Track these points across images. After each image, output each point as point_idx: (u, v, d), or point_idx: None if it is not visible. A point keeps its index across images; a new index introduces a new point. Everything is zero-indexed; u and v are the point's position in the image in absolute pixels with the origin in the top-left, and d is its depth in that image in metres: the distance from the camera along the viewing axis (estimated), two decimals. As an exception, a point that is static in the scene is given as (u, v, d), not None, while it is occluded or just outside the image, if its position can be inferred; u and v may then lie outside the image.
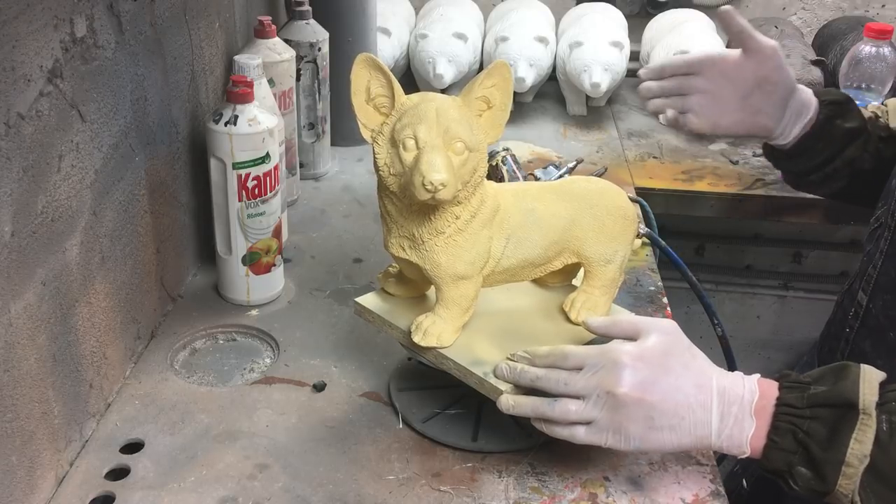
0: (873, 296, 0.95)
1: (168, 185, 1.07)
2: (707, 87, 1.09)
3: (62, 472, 0.85)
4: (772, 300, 1.97)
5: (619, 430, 0.77)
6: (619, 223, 0.90)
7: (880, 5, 2.00)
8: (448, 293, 0.85)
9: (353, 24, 1.50)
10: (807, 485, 0.74)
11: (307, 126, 1.43)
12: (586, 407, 0.78)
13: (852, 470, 0.71)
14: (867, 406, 0.71)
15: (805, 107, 1.09)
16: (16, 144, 0.73)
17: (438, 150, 0.78)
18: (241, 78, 1.07)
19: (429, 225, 0.83)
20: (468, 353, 0.87)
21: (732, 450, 0.77)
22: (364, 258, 1.25)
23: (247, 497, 0.83)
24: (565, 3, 2.00)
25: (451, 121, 0.79)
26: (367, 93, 0.82)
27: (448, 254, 0.83)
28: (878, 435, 0.71)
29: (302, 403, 0.96)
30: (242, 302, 1.12)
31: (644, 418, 0.77)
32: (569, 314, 0.92)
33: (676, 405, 0.77)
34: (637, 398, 0.76)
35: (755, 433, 0.76)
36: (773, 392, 0.76)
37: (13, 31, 0.71)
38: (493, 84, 0.82)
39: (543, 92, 1.90)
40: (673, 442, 0.77)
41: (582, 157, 1.55)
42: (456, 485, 0.86)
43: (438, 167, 0.77)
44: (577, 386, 0.78)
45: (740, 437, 0.76)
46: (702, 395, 0.77)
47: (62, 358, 0.84)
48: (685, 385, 0.77)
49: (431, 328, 0.86)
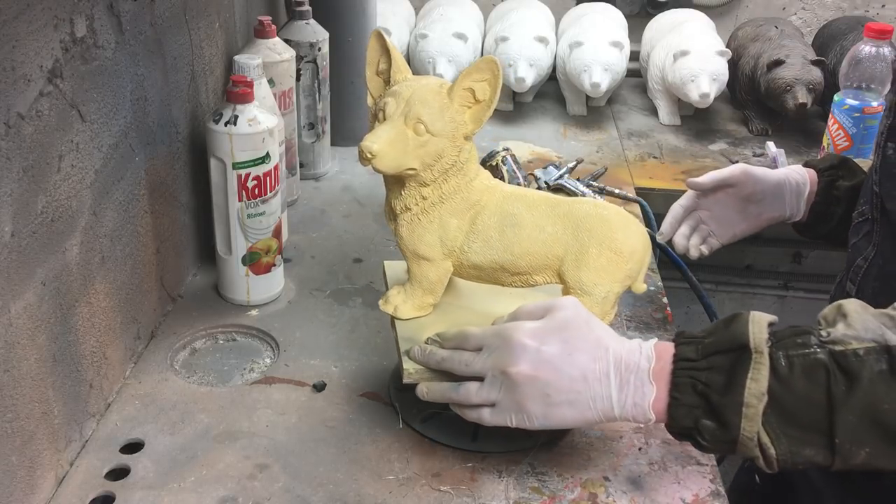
0: (862, 285, 0.96)
1: (168, 185, 1.07)
2: (709, 214, 1.16)
3: (62, 472, 0.85)
4: (772, 300, 1.96)
5: (520, 409, 0.77)
6: (604, 255, 0.85)
7: (880, 5, 2.00)
8: (412, 269, 0.90)
9: (353, 24, 1.50)
10: (713, 436, 0.72)
11: (307, 126, 1.43)
12: (486, 388, 0.79)
13: (752, 410, 0.70)
14: (758, 344, 0.70)
15: (800, 184, 1.13)
16: (16, 144, 0.73)
17: (392, 123, 0.82)
18: (241, 78, 1.07)
19: (400, 200, 0.87)
20: (412, 330, 0.89)
21: (638, 418, 0.76)
22: (364, 258, 1.25)
23: (247, 497, 0.83)
24: (565, 3, 2.00)
25: (420, 102, 0.82)
26: (377, 65, 0.88)
27: (410, 230, 0.88)
28: (779, 371, 0.70)
29: (302, 403, 0.96)
30: (242, 302, 1.12)
31: (541, 395, 0.76)
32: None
33: (571, 380, 0.76)
34: (530, 376, 0.76)
35: (656, 396, 0.74)
36: (670, 351, 0.75)
37: (13, 31, 0.71)
38: (484, 79, 0.82)
39: (543, 92, 1.90)
40: (575, 417, 0.77)
41: (582, 157, 1.55)
42: (456, 485, 0.86)
43: (377, 138, 0.81)
44: (476, 367, 0.79)
45: (643, 404, 0.75)
46: (597, 366, 0.76)
47: (62, 358, 0.84)
48: (580, 359, 0.76)
49: (394, 298, 0.91)
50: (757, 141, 1.75)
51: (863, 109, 1.48)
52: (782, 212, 1.13)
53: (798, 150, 1.70)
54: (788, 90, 1.62)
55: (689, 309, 1.77)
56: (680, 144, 1.72)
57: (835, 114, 1.51)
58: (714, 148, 1.71)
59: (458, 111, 0.83)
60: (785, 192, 1.12)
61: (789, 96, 1.62)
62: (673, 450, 0.91)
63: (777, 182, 1.12)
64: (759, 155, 1.68)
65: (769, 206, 1.13)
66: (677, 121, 1.81)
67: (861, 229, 0.99)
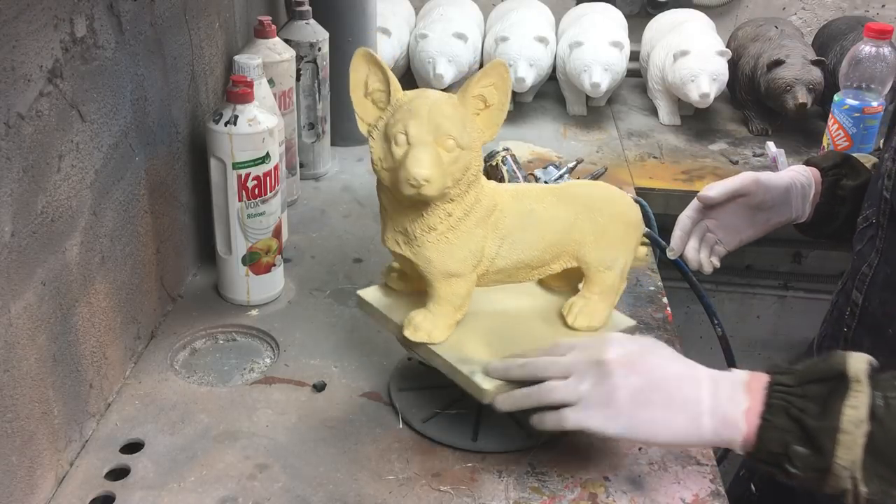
0: (869, 294, 0.95)
1: (168, 185, 1.07)
2: (716, 223, 1.13)
3: (62, 472, 0.85)
4: (771, 300, 1.96)
5: (608, 403, 0.75)
6: (620, 229, 0.89)
7: (880, 5, 2.00)
8: (439, 290, 0.85)
9: (353, 24, 1.50)
10: (805, 463, 0.70)
11: (307, 126, 1.43)
12: (573, 381, 0.77)
13: (849, 437, 0.68)
14: (857, 373, 0.70)
15: (805, 186, 1.11)
16: (16, 144, 0.73)
17: (427, 146, 0.78)
18: (241, 78, 1.07)
19: (421, 221, 0.83)
20: (458, 350, 0.86)
21: (727, 431, 0.73)
22: (364, 258, 1.25)
23: (247, 497, 0.83)
24: (565, 3, 2.00)
25: (443, 117, 0.79)
26: (366, 87, 0.82)
27: (439, 251, 0.83)
28: (875, 410, 0.68)
29: (302, 403, 0.96)
30: (242, 302, 1.12)
31: (632, 391, 0.75)
32: (566, 318, 0.91)
33: (666, 378, 0.75)
34: (626, 364, 0.75)
35: (749, 409, 0.72)
36: (764, 378, 0.74)
37: (13, 31, 0.71)
38: (492, 83, 0.82)
39: (543, 92, 1.90)
40: (664, 421, 0.74)
41: (582, 157, 1.55)
42: (456, 485, 0.86)
43: (423, 163, 0.77)
44: (564, 362, 0.78)
45: (735, 414, 0.72)
46: (691, 372, 0.75)
47: (62, 358, 0.84)
48: (672, 365, 0.76)
49: (423, 323, 0.86)
50: (757, 141, 1.75)
51: (863, 109, 1.48)
52: (789, 215, 1.12)
53: (798, 150, 1.70)
54: (788, 90, 1.62)
55: (689, 309, 1.77)
56: (680, 144, 1.72)
57: (835, 114, 1.51)
58: (714, 148, 1.71)
59: (472, 119, 0.82)
60: (792, 196, 1.11)
61: (789, 96, 1.62)
62: (673, 450, 0.91)
63: (785, 187, 1.10)
64: (759, 155, 1.68)
65: (777, 212, 1.11)
66: (677, 121, 1.81)
67: (865, 235, 0.98)
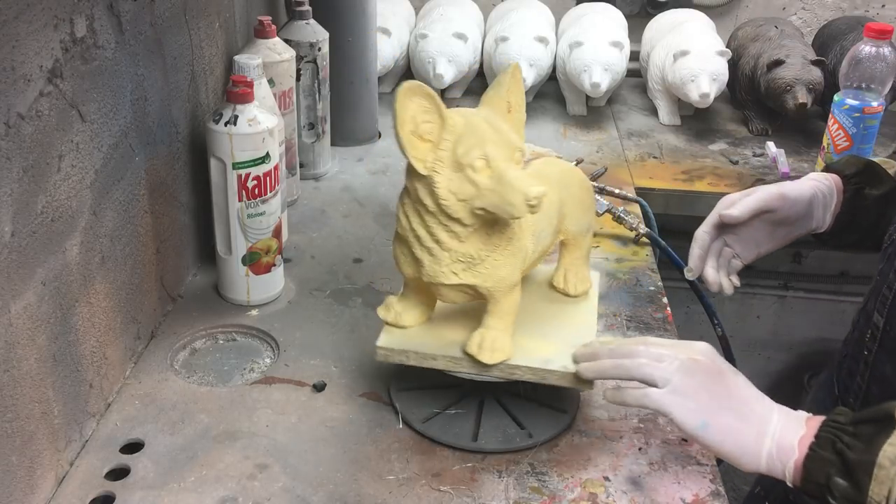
0: (890, 318, 0.93)
1: (168, 185, 1.07)
2: (734, 237, 1.07)
3: (62, 472, 0.85)
4: (771, 300, 1.97)
5: (692, 395, 0.77)
6: (586, 195, 0.97)
7: (880, 5, 2.00)
8: (504, 304, 0.85)
9: (353, 24, 1.50)
10: (844, 496, 0.72)
11: (307, 126, 1.43)
12: (664, 365, 0.78)
13: (883, 472, 0.69)
14: None
15: (828, 196, 1.06)
16: (16, 144, 0.73)
17: (513, 164, 0.78)
18: (241, 78, 1.07)
19: (487, 241, 0.82)
20: (529, 353, 0.87)
21: (781, 455, 0.75)
22: (364, 258, 1.25)
23: (247, 497, 0.83)
24: (565, 3, 2.00)
25: (507, 132, 0.80)
26: (416, 124, 0.79)
27: (507, 265, 0.84)
28: None
29: (302, 403, 0.96)
30: (242, 302, 1.12)
31: (717, 395, 0.77)
32: (565, 290, 0.97)
33: (745, 395, 0.78)
34: (715, 371, 0.78)
35: (803, 437, 0.75)
36: (821, 418, 0.76)
37: (13, 31, 0.71)
38: (511, 87, 0.83)
39: (543, 92, 1.90)
40: (736, 432, 0.76)
41: (582, 157, 1.55)
42: (456, 485, 0.86)
43: (531, 181, 0.77)
44: (658, 349, 0.80)
45: (792, 441, 0.75)
46: (764, 398, 0.78)
47: (62, 358, 0.84)
48: (750, 387, 0.78)
49: (495, 343, 0.86)
50: (757, 141, 1.74)
51: (863, 109, 1.47)
52: (809, 227, 1.08)
53: (798, 150, 1.70)
54: (788, 90, 1.62)
55: (689, 309, 1.77)
56: (680, 144, 1.72)
57: (835, 114, 1.51)
58: (714, 148, 1.71)
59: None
60: (814, 207, 1.06)
61: (789, 96, 1.62)
62: (673, 450, 0.91)
63: (809, 200, 1.05)
64: (759, 155, 1.68)
65: (799, 226, 1.07)
66: (677, 121, 1.81)
67: (887, 254, 0.96)
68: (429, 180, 0.79)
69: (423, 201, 0.80)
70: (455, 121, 0.79)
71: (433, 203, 0.80)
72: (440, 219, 0.81)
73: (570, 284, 0.97)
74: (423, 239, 0.82)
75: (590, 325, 0.94)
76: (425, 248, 0.83)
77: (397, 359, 0.89)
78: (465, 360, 0.87)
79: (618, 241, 1.32)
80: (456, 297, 0.86)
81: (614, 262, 1.27)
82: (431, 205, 0.80)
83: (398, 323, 0.91)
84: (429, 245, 0.82)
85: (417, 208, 0.82)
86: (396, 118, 0.77)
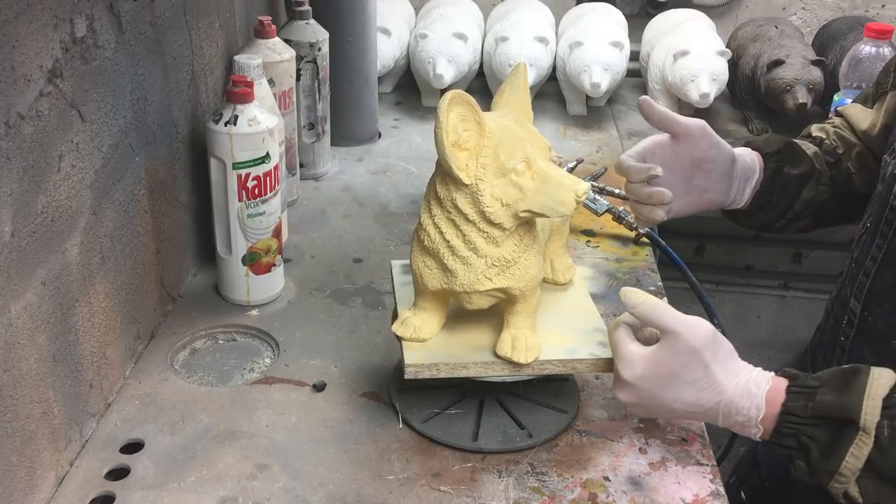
0: (868, 304, 0.94)
1: (168, 185, 1.07)
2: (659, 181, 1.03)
3: (62, 472, 0.85)
4: (771, 300, 1.97)
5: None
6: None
7: (880, 5, 2.00)
8: (532, 301, 0.86)
9: (353, 24, 1.50)
10: (802, 477, 0.77)
11: (307, 126, 1.43)
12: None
13: (844, 479, 0.74)
14: (867, 426, 0.73)
15: (750, 169, 1.05)
16: (16, 144, 0.73)
17: (550, 163, 0.80)
18: (241, 78, 1.07)
19: (520, 243, 0.82)
20: (551, 347, 0.88)
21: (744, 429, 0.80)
22: (364, 258, 1.25)
23: (247, 497, 0.83)
24: (565, 3, 2.00)
25: (537, 133, 0.81)
26: (458, 134, 0.77)
27: (536, 264, 0.84)
28: (881, 441, 0.73)
29: (302, 403, 0.96)
30: (242, 302, 1.12)
31: (690, 380, 0.81)
32: (554, 280, 0.98)
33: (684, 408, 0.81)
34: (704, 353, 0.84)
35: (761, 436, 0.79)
36: (780, 400, 0.77)
37: (13, 31, 0.71)
38: (520, 87, 0.85)
39: (543, 92, 1.90)
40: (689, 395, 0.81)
41: (582, 157, 1.55)
42: (456, 485, 0.86)
43: (573, 177, 0.79)
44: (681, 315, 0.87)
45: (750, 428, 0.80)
46: (705, 410, 0.81)
47: (62, 358, 0.84)
48: (685, 392, 0.81)
49: (528, 342, 0.86)
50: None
51: (863, 109, 1.47)
52: (726, 195, 1.05)
53: (798, 150, 1.70)
54: (788, 90, 1.62)
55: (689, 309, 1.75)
56: (680, 144, 1.72)
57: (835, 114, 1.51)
58: (714, 148, 1.71)
59: None
60: (736, 172, 1.04)
61: (789, 96, 1.62)
62: (673, 450, 0.91)
63: (731, 158, 1.03)
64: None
65: (716, 183, 1.03)
66: (677, 121, 1.81)
67: (862, 242, 0.97)
68: (472, 189, 0.78)
69: (463, 211, 0.79)
70: (490, 126, 0.78)
71: (474, 211, 0.79)
72: (480, 226, 0.79)
73: (558, 273, 0.98)
74: (457, 249, 0.81)
75: (591, 309, 0.95)
76: (459, 257, 0.81)
77: (428, 373, 0.86)
78: (497, 364, 0.86)
79: (618, 241, 1.32)
80: (484, 301, 0.85)
81: (614, 262, 1.27)
82: (472, 213, 0.79)
83: (417, 337, 0.88)
84: (464, 254, 0.81)
85: (453, 218, 0.80)
86: (440, 130, 0.75)
